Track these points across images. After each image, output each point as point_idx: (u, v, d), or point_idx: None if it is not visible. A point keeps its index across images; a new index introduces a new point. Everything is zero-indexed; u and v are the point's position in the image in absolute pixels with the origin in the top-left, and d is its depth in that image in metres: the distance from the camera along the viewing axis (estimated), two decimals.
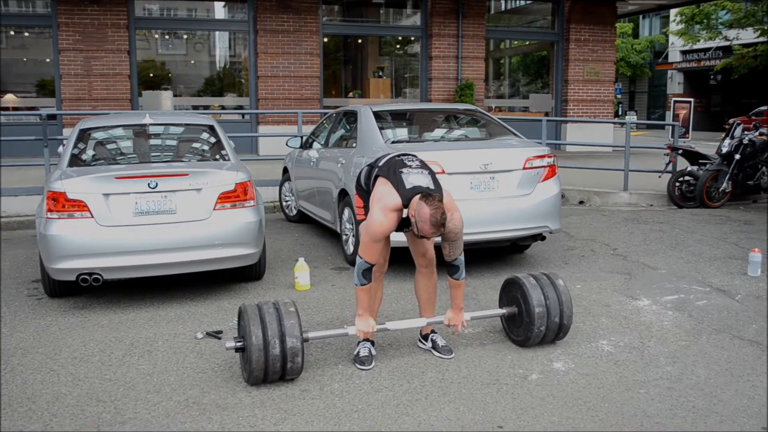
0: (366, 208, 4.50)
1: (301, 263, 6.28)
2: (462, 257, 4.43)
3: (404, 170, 4.25)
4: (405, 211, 4.19)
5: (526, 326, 4.69)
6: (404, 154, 4.45)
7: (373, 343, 4.62)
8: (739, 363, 4.52)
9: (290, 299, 4.29)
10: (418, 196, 4.09)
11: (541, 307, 4.62)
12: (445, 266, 4.48)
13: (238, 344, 4.18)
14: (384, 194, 4.21)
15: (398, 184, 4.19)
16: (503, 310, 4.89)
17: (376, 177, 4.36)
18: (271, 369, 4.06)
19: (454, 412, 3.85)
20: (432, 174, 4.34)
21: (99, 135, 6.77)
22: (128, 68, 14.69)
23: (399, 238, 4.74)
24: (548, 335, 4.72)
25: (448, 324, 4.58)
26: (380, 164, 4.42)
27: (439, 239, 4.37)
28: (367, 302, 4.38)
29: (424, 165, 4.38)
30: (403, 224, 4.31)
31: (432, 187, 4.22)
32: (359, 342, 4.60)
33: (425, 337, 4.77)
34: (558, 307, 4.66)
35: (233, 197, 5.88)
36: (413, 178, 4.21)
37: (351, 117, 7.84)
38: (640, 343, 4.89)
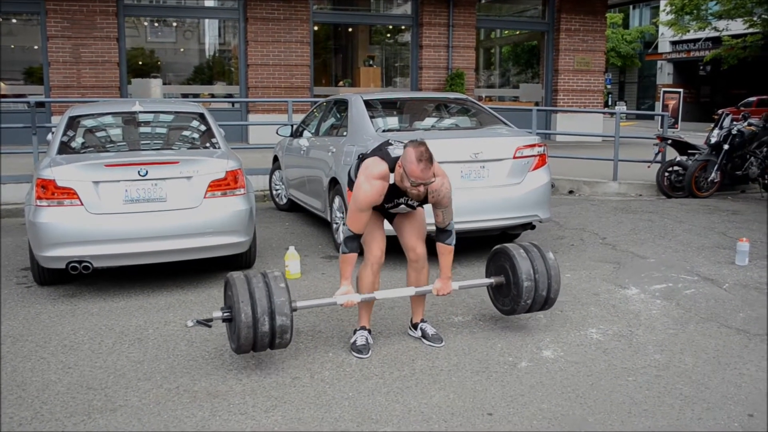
0: None
1: (291, 252, 6.28)
2: (453, 223, 4.48)
3: (390, 147, 4.33)
4: (392, 176, 4.20)
5: (514, 298, 4.71)
6: (392, 140, 4.51)
7: (369, 332, 4.63)
8: (727, 351, 4.56)
9: (280, 271, 4.24)
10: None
11: (530, 281, 4.62)
12: (436, 233, 4.49)
13: (226, 315, 4.14)
14: (370, 164, 4.26)
15: (384, 155, 4.26)
16: (491, 280, 4.88)
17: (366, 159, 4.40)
18: (260, 344, 4.05)
19: (444, 399, 3.87)
20: None
21: (88, 122, 6.73)
22: (117, 56, 14.59)
23: (390, 227, 4.74)
24: (534, 307, 4.74)
25: (436, 293, 4.59)
26: (368, 153, 4.45)
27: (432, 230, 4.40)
28: (349, 272, 4.36)
29: None
30: (393, 194, 4.28)
31: None
32: (356, 330, 4.61)
33: (415, 326, 4.78)
34: (546, 280, 4.67)
35: (223, 185, 5.87)
36: (399, 151, 4.26)
37: (342, 106, 7.83)
38: (628, 331, 4.92)
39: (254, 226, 6.30)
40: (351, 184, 4.62)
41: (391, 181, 4.22)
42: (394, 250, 5.12)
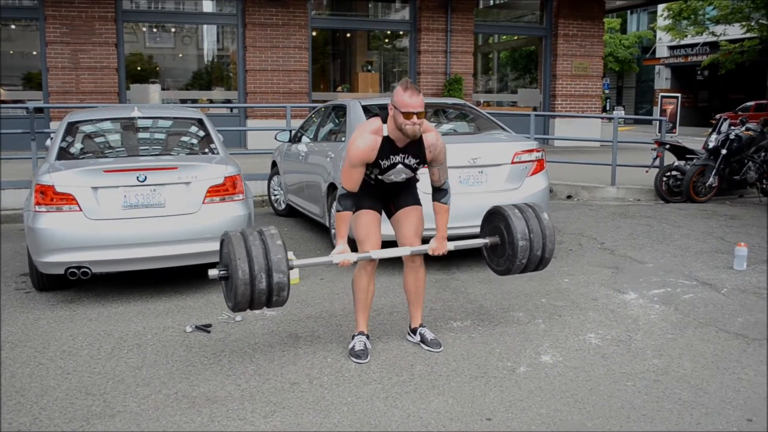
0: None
1: (290, 257, 6.27)
2: (449, 182, 4.51)
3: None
4: (385, 128, 4.22)
5: (509, 258, 4.67)
6: None
7: (368, 337, 4.63)
8: (725, 356, 4.57)
9: (276, 229, 4.20)
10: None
11: (525, 241, 4.58)
12: (433, 192, 4.51)
13: (222, 274, 4.10)
14: (363, 123, 4.38)
15: (376, 115, 4.39)
16: (486, 240, 4.84)
17: None
18: (257, 301, 4.01)
19: (443, 404, 3.87)
20: None
21: (87, 128, 6.74)
22: (116, 61, 14.61)
23: (389, 232, 4.73)
24: (528, 267, 4.71)
25: (432, 253, 4.55)
26: None
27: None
28: (344, 231, 4.32)
29: None
30: (388, 150, 4.25)
31: None
32: (354, 336, 4.61)
33: (414, 331, 4.78)
34: (541, 240, 4.63)
35: (222, 191, 5.87)
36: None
37: (340, 111, 7.84)
38: (627, 336, 4.93)
39: None
40: None
41: (385, 134, 4.23)
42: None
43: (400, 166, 4.36)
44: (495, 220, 4.83)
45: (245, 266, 3.93)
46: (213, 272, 4.11)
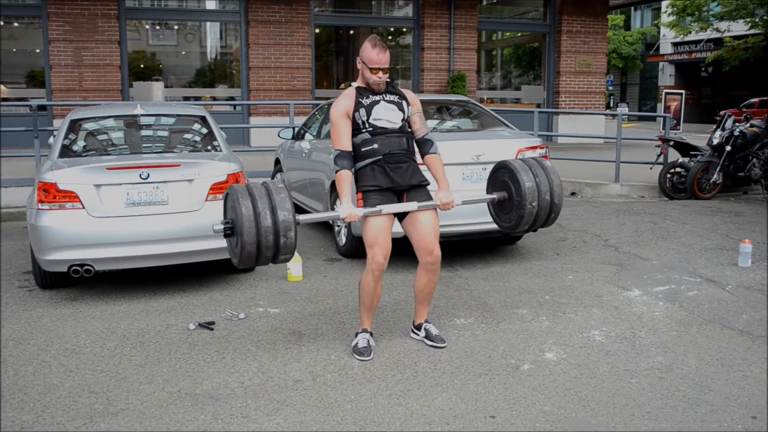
0: (364, 198, 4.43)
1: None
2: (430, 133, 4.62)
3: None
4: (354, 84, 4.51)
5: (517, 207, 4.60)
6: None
7: (371, 334, 4.62)
8: (730, 353, 4.55)
9: (282, 183, 4.26)
10: None
11: (531, 182, 4.54)
12: (419, 146, 4.57)
13: (227, 225, 4.05)
14: None
15: None
16: (494, 195, 4.77)
17: None
18: (264, 244, 3.92)
19: (447, 402, 3.86)
20: None
21: (90, 126, 6.73)
22: (119, 59, 14.62)
23: (399, 229, 4.66)
24: (540, 215, 4.62)
25: (441, 205, 4.47)
26: None
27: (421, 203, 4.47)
28: (346, 189, 4.30)
29: None
30: (364, 94, 4.43)
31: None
32: (357, 333, 4.60)
33: (418, 327, 4.77)
34: (548, 185, 4.58)
35: (225, 188, 5.86)
36: None
37: None
38: (631, 333, 4.91)
39: None
40: (357, 180, 4.58)
41: (356, 85, 4.49)
42: (402, 252, 5.10)
43: (382, 102, 4.46)
44: (503, 175, 4.76)
45: (248, 203, 3.91)
46: (217, 226, 4.13)
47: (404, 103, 4.50)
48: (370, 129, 4.40)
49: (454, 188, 4.55)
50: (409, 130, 4.56)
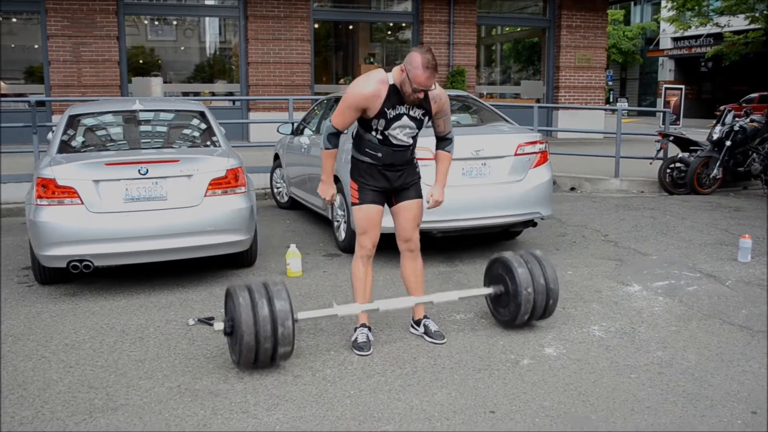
0: (360, 191, 4.47)
1: (292, 250, 6.27)
2: (453, 132, 4.55)
3: None
4: (390, 77, 4.19)
5: (512, 309, 4.68)
6: None
7: (370, 329, 4.62)
8: (729, 348, 4.55)
9: (281, 280, 4.24)
10: (406, 57, 4.15)
11: (524, 269, 4.60)
12: (437, 142, 4.58)
13: (228, 324, 4.14)
14: (367, 72, 4.32)
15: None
16: (490, 290, 4.83)
17: None
18: (262, 356, 4.04)
19: (446, 397, 3.86)
20: None
21: (88, 121, 6.72)
22: (117, 54, 14.59)
23: (387, 224, 4.73)
24: (538, 302, 4.66)
25: (430, 202, 4.57)
26: None
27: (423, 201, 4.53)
28: (330, 168, 4.39)
29: None
30: (394, 100, 4.20)
31: None
32: (356, 328, 4.59)
33: (417, 323, 4.77)
34: (541, 270, 4.65)
35: (224, 183, 5.85)
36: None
37: None
38: (630, 328, 4.91)
39: (255, 224, 6.29)
40: (353, 172, 4.56)
41: (391, 82, 4.19)
42: (394, 248, 5.10)
43: (405, 118, 4.29)
44: (498, 269, 4.82)
45: (249, 320, 3.96)
46: (218, 326, 4.17)
47: (426, 117, 4.39)
48: (381, 138, 4.36)
49: (454, 183, 4.57)
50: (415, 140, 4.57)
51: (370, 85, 4.18)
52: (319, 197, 7.63)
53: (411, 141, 4.44)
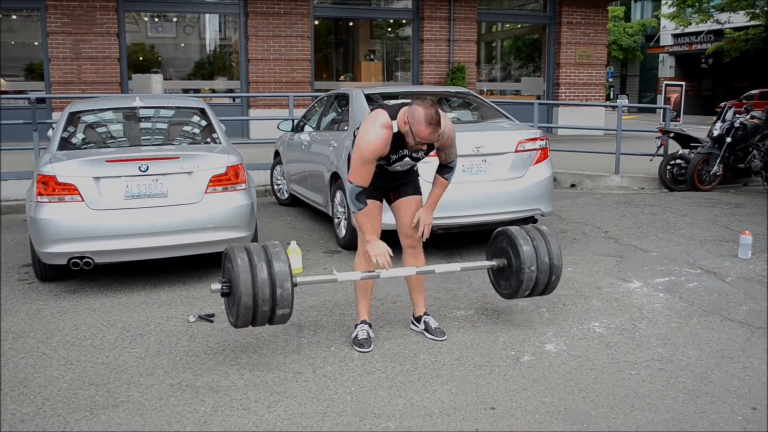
0: None
1: (293, 246, 6.27)
2: (456, 160, 4.50)
3: (385, 103, 4.34)
4: (395, 125, 4.10)
5: (514, 283, 4.61)
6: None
7: (370, 326, 4.62)
8: (730, 344, 4.55)
9: (279, 243, 4.18)
10: (406, 107, 4.07)
11: (529, 247, 4.53)
12: (438, 168, 4.52)
13: (225, 289, 4.06)
14: (372, 115, 4.19)
15: (382, 106, 4.24)
16: (493, 262, 4.77)
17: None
18: (260, 318, 3.96)
19: (447, 393, 3.86)
20: None
21: (89, 118, 6.72)
22: (117, 51, 14.57)
23: (388, 221, 4.73)
24: (540, 279, 4.61)
25: (416, 223, 4.51)
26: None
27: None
28: (370, 226, 4.26)
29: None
30: (398, 144, 4.16)
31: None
32: (356, 325, 4.60)
33: (418, 320, 4.77)
34: (546, 248, 4.57)
35: (225, 180, 5.85)
36: (394, 102, 4.25)
37: (342, 100, 7.81)
38: (631, 324, 4.91)
39: (255, 221, 6.29)
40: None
41: (395, 130, 4.11)
42: (396, 245, 5.10)
43: (407, 158, 4.32)
44: (502, 242, 4.75)
45: (248, 279, 3.88)
46: (215, 286, 4.10)
47: (429, 152, 4.35)
48: (381, 169, 4.34)
49: (454, 180, 4.55)
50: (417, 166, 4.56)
51: (379, 134, 4.08)
52: (320, 194, 7.68)
53: (410, 167, 4.49)
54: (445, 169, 4.50)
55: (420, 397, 3.82)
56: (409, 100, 4.14)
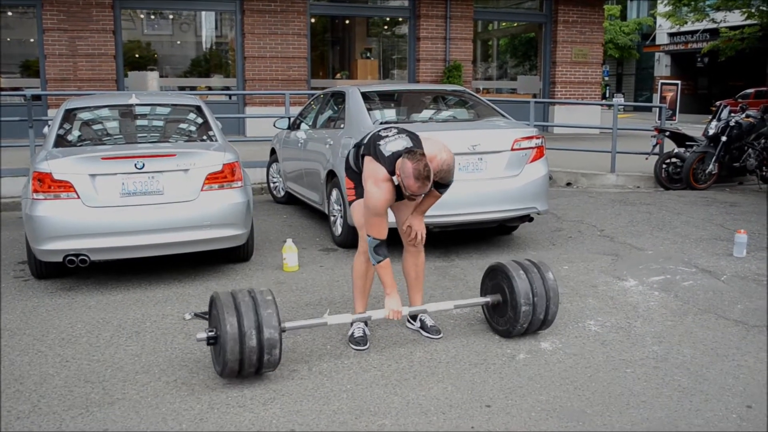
0: (356, 188, 4.51)
1: (289, 244, 6.27)
2: (452, 181, 4.49)
3: (381, 142, 4.25)
4: (395, 178, 4.14)
5: (509, 320, 4.52)
6: (382, 128, 4.46)
7: (367, 324, 4.63)
8: (724, 342, 4.57)
9: (267, 287, 4.13)
10: (401, 159, 4.07)
11: (528, 306, 4.42)
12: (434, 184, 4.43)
13: (210, 334, 3.93)
14: (371, 170, 4.21)
15: (378, 156, 4.20)
16: (487, 299, 4.69)
17: (363, 156, 4.36)
18: (247, 362, 3.81)
19: (443, 391, 3.87)
20: (411, 135, 4.32)
21: (85, 115, 6.70)
22: (114, 48, 14.55)
23: (389, 220, 4.71)
24: (530, 329, 4.56)
25: (412, 233, 4.53)
26: (364, 142, 4.42)
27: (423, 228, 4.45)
28: (390, 279, 4.29)
29: (401, 131, 4.37)
30: (400, 193, 4.23)
31: (411, 146, 4.21)
32: (352, 323, 4.60)
33: (414, 318, 4.78)
34: (545, 303, 4.48)
35: (221, 178, 5.85)
36: (390, 146, 4.21)
37: (339, 98, 7.81)
38: (626, 323, 4.92)
39: (252, 218, 6.29)
40: (349, 170, 4.60)
41: (396, 183, 4.16)
42: (395, 242, 5.10)
43: (406, 200, 4.37)
44: (497, 277, 4.65)
45: (234, 320, 3.78)
46: (201, 335, 3.96)
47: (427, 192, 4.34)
48: None
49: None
50: None
51: (383, 188, 4.15)
52: (316, 192, 7.68)
53: None
54: (441, 187, 4.48)
55: (416, 394, 3.83)
56: (402, 149, 4.15)
